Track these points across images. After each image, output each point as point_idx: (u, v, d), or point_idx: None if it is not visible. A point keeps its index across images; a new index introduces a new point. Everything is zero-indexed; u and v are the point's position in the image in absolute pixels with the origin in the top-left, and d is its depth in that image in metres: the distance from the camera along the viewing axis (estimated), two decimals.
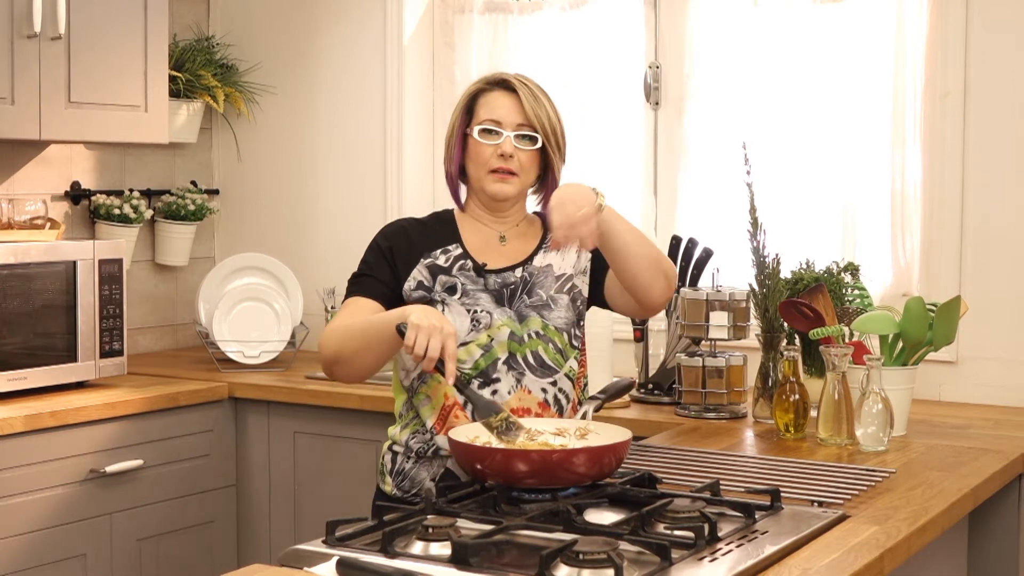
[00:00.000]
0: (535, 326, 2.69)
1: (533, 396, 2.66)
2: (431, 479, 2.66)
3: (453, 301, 2.67)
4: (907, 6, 3.69)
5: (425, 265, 2.70)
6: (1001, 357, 3.59)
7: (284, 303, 4.30)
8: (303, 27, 4.65)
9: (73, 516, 3.55)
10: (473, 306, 2.67)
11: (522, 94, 2.69)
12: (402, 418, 2.76)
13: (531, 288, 2.71)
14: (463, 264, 2.71)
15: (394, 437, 2.75)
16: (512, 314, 2.68)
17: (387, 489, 2.74)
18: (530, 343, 2.67)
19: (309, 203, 4.68)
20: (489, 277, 2.70)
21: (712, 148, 4.01)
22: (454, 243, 2.74)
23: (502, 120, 2.68)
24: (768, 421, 3.19)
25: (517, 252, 2.76)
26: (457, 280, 2.69)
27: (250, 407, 4.00)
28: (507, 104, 2.70)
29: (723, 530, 2.14)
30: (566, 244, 2.49)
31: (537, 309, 2.70)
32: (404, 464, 2.71)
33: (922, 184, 3.71)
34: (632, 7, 4.13)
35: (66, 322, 3.76)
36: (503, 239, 2.77)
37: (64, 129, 3.85)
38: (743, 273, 3.38)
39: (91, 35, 3.87)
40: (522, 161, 2.69)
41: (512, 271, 2.72)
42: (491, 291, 2.69)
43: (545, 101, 2.71)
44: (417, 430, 2.70)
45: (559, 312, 2.72)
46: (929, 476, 2.68)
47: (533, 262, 2.75)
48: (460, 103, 2.76)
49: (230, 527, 4.02)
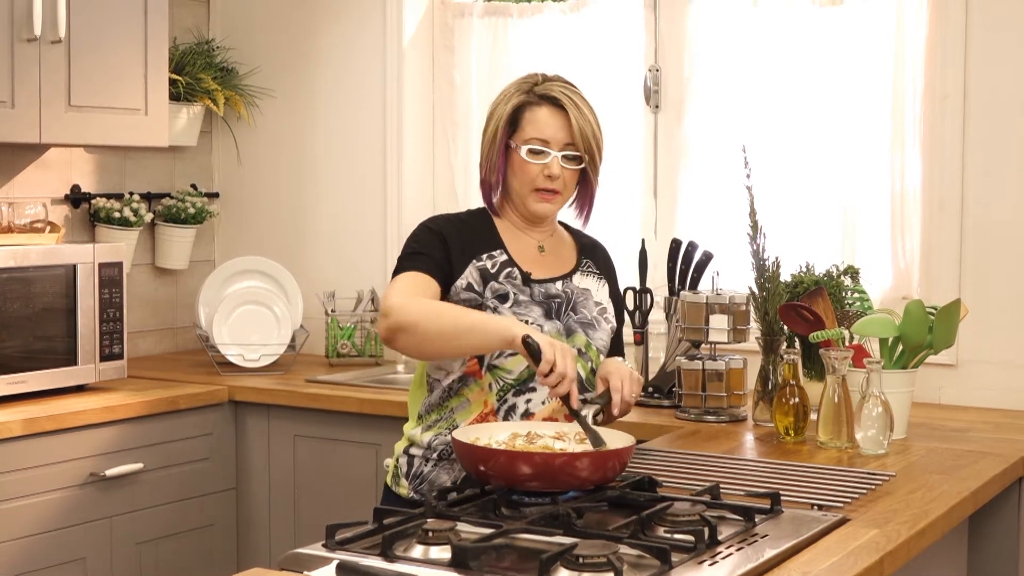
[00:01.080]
0: (579, 343, 2.70)
1: (563, 408, 2.65)
2: (452, 482, 2.64)
3: (505, 309, 2.66)
4: (907, 8, 3.69)
5: (476, 267, 2.68)
6: (1001, 360, 3.59)
7: (284, 306, 4.30)
8: (303, 30, 4.65)
9: (73, 520, 3.55)
10: (524, 316, 2.66)
11: (571, 112, 2.67)
12: (423, 419, 2.74)
13: (575, 305, 2.73)
14: (510, 272, 2.70)
15: (413, 438, 2.73)
16: (560, 327, 2.69)
17: (403, 492, 2.71)
18: None
19: (309, 206, 4.68)
20: (534, 287, 2.71)
21: (712, 151, 4.01)
22: (498, 248, 2.73)
23: (550, 140, 2.67)
24: (768, 424, 3.19)
25: (556, 264, 2.78)
26: (508, 288, 2.68)
27: (250, 410, 4.00)
28: (555, 123, 2.68)
29: (723, 534, 2.14)
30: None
31: (583, 327, 2.72)
32: (423, 467, 2.69)
33: (922, 187, 3.72)
34: (632, 10, 4.13)
35: (66, 325, 3.76)
36: (542, 249, 2.78)
37: (64, 132, 3.85)
38: (743, 276, 3.38)
39: (91, 38, 3.87)
40: (566, 180, 2.71)
41: (553, 283, 2.73)
42: (538, 302, 2.69)
43: (589, 114, 2.70)
44: (441, 432, 2.68)
45: (601, 334, 2.75)
46: (929, 479, 2.68)
47: (573, 280, 2.76)
48: (504, 112, 2.71)
49: (230, 531, 4.01)
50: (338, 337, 4.37)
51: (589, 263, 2.83)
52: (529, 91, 2.72)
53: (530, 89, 2.72)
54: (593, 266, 2.83)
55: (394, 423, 3.65)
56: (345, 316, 4.39)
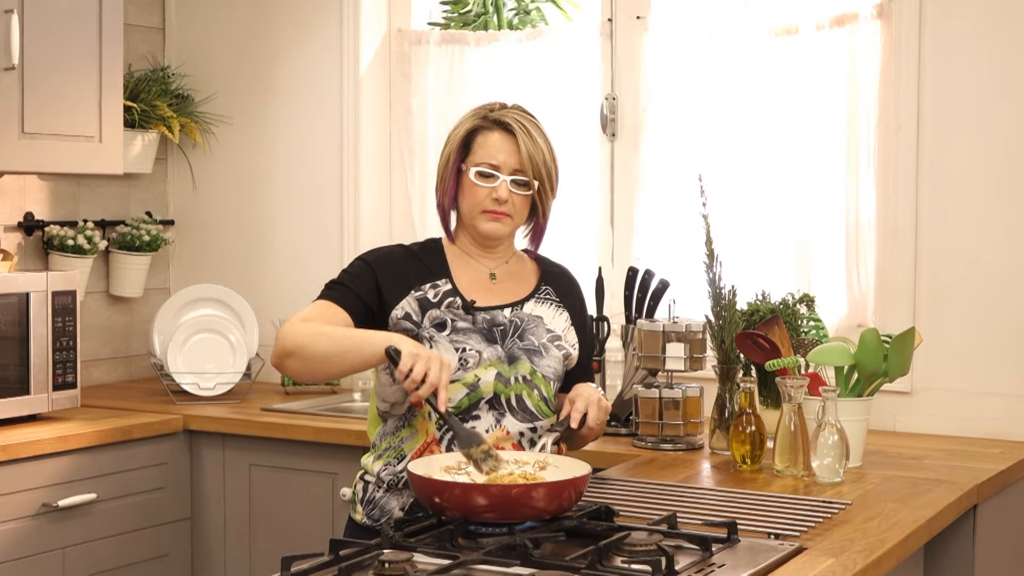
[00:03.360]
0: (524, 370, 2.69)
1: (510, 437, 2.66)
2: (400, 508, 2.66)
3: (441, 337, 2.66)
4: (860, 39, 3.72)
5: (415, 298, 2.69)
6: (955, 388, 3.61)
7: (240, 334, 4.28)
8: (259, 58, 4.64)
9: (25, 551, 3.51)
10: (462, 343, 2.66)
11: (520, 138, 2.69)
12: (375, 448, 2.76)
13: (522, 332, 2.72)
14: (451, 302, 2.70)
15: (367, 467, 2.76)
16: (503, 354, 2.69)
17: (358, 518, 2.73)
18: (516, 386, 2.68)
19: (265, 234, 4.66)
20: (478, 315, 2.70)
21: (668, 180, 4.02)
22: (443, 278, 2.74)
23: (500, 164, 2.69)
24: (724, 452, 3.19)
25: (507, 293, 2.77)
26: (447, 317, 2.68)
27: (205, 440, 3.97)
28: (505, 148, 2.70)
29: (680, 563, 2.14)
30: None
31: (528, 353, 2.71)
32: (375, 493, 2.71)
33: (876, 216, 3.74)
34: (588, 39, 4.15)
35: (18, 354, 3.73)
36: (493, 277, 2.78)
37: (17, 160, 3.82)
38: (699, 305, 3.39)
39: (45, 65, 3.84)
40: (516, 204, 2.71)
41: (501, 310, 2.73)
42: (480, 329, 2.69)
43: (542, 142, 2.72)
44: (390, 462, 2.70)
45: (549, 361, 2.74)
46: (885, 507, 2.69)
47: (524, 308, 2.76)
48: (457, 135, 2.74)
49: (185, 561, 3.98)
50: None
51: (549, 291, 2.83)
52: (484, 117, 2.74)
53: (485, 115, 2.75)
54: (553, 293, 2.83)
55: (351, 452, 3.64)
56: None
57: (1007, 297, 3.57)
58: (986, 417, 3.57)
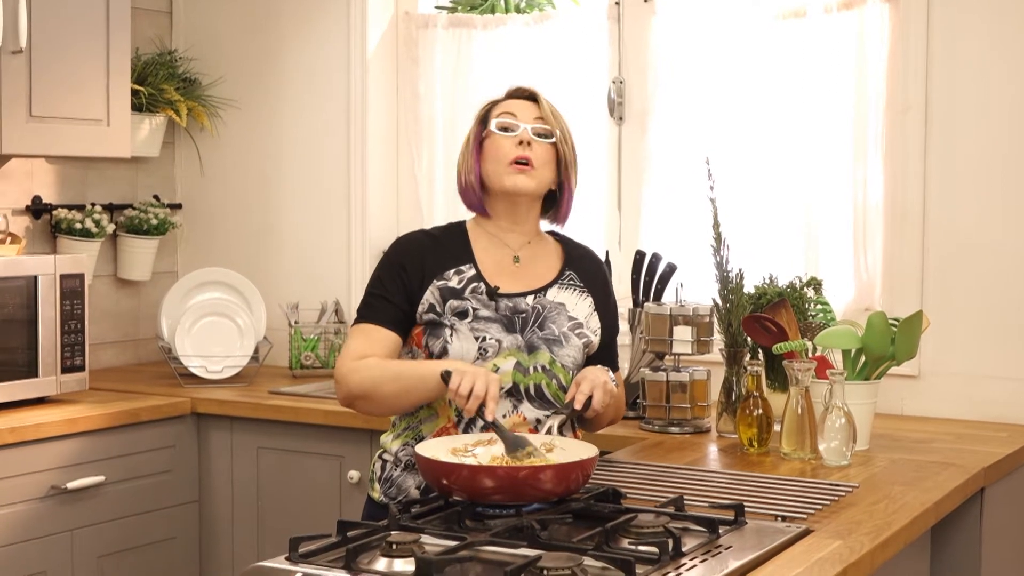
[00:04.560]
0: (543, 360, 2.69)
1: (527, 423, 2.66)
2: (416, 487, 2.68)
3: (462, 325, 2.66)
4: (869, 22, 3.72)
5: (437, 287, 2.69)
6: (963, 371, 3.61)
7: (247, 318, 4.29)
8: (267, 41, 4.64)
9: (34, 533, 3.52)
10: (482, 332, 2.66)
11: (540, 99, 2.76)
12: (395, 427, 2.78)
13: (543, 321, 2.72)
14: (476, 287, 2.70)
15: (385, 445, 2.78)
16: (522, 343, 2.69)
17: (376, 496, 2.75)
18: (535, 376, 2.68)
19: (272, 217, 4.67)
20: (500, 301, 2.70)
21: (675, 163, 4.02)
22: (467, 263, 2.73)
23: (518, 114, 2.73)
24: (732, 436, 3.20)
25: (530, 278, 2.77)
26: (468, 304, 2.68)
27: (213, 422, 3.98)
28: (522, 105, 2.76)
29: (687, 545, 2.14)
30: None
31: (548, 343, 2.71)
32: (392, 471, 2.73)
33: (884, 199, 3.73)
34: (596, 22, 4.14)
35: (27, 337, 3.74)
36: (517, 260, 2.77)
37: (25, 143, 3.82)
38: (707, 288, 3.39)
39: (53, 49, 3.85)
40: (539, 155, 2.72)
41: (524, 298, 2.73)
42: (501, 317, 2.69)
43: (558, 111, 2.79)
44: (408, 442, 2.72)
45: (569, 351, 2.73)
46: (892, 490, 2.69)
47: (547, 295, 2.76)
48: (477, 116, 2.80)
49: (192, 544, 3.99)
50: (301, 348, 4.35)
51: (572, 275, 2.82)
52: (500, 97, 2.81)
53: (503, 95, 2.82)
54: (576, 279, 2.82)
55: (358, 435, 3.65)
56: (309, 327, 4.37)
57: (1015, 281, 3.56)
58: (993, 401, 3.57)
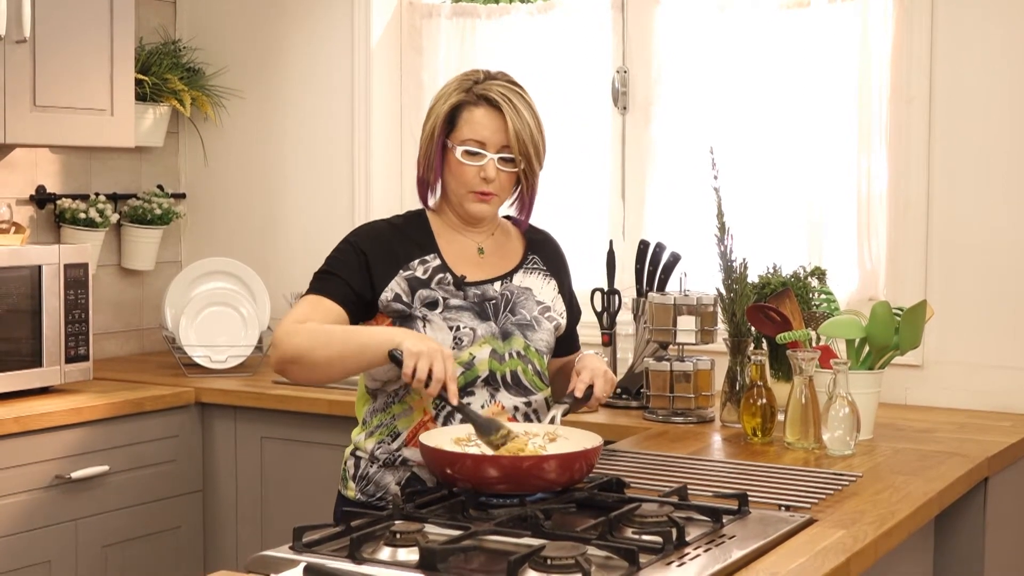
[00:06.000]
0: (517, 346, 2.67)
1: (505, 412, 2.64)
2: (396, 483, 2.64)
3: (435, 316, 2.63)
4: (872, 11, 3.71)
5: (404, 277, 2.65)
6: (967, 361, 3.61)
7: (251, 307, 4.29)
8: (271, 31, 4.64)
9: (38, 522, 3.53)
10: (455, 321, 2.63)
11: (507, 114, 2.62)
12: (367, 424, 2.72)
13: (513, 306, 2.70)
14: (442, 278, 2.66)
15: (358, 444, 2.72)
16: (496, 330, 2.66)
17: (350, 495, 2.70)
18: (510, 362, 2.65)
19: (276, 207, 4.67)
20: (468, 290, 2.67)
21: (679, 153, 4.02)
22: (431, 253, 2.69)
23: (486, 141, 2.63)
24: (735, 425, 3.20)
25: (495, 266, 2.74)
26: (437, 294, 2.65)
27: (216, 412, 3.98)
28: (492, 125, 2.63)
29: (691, 534, 2.14)
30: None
31: (521, 328, 2.69)
32: (368, 469, 2.68)
33: (888, 189, 3.73)
34: (600, 12, 4.14)
35: (31, 327, 3.74)
36: (481, 251, 2.75)
37: (29, 133, 3.82)
38: (710, 278, 3.38)
39: (57, 38, 3.84)
40: (502, 182, 2.66)
41: (491, 284, 2.70)
42: (472, 305, 2.66)
43: (528, 115, 2.65)
44: (383, 439, 2.67)
45: (542, 335, 2.72)
46: (895, 480, 2.69)
47: (513, 280, 2.74)
48: (442, 110, 2.67)
49: (196, 533, 4.00)
50: None
51: (536, 259, 2.80)
52: (468, 90, 2.67)
53: (470, 88, 2.67)
54: (540, 262, 2.80)
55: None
56: None
57: (1019, 270, 3.56)
58: (997, 390, 3.57)
